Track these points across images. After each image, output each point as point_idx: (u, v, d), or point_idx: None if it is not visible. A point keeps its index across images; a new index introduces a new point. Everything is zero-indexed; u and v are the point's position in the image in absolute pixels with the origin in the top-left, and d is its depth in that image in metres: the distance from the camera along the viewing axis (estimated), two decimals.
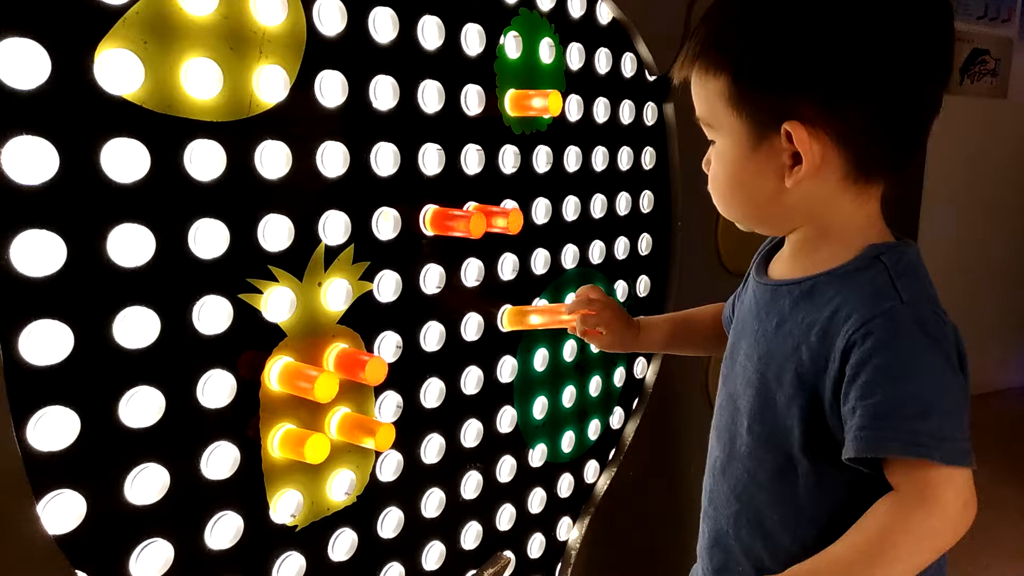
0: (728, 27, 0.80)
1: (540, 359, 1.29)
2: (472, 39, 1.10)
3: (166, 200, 0.81)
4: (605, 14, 1.31)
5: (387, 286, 1.04)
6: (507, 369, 1.24)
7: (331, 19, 0.93)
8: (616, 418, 1.50)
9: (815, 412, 0.80)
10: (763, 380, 0.84)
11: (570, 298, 1.32)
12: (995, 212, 3.46)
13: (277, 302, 0.92)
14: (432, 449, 1.14)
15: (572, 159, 1.28)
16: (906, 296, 0.77)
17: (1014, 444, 3.08)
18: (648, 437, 1.53)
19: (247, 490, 0.92)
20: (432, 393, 1.13)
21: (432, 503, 1.16)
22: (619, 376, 1.48)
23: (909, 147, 0.81)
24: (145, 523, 0.84)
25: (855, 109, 0.77)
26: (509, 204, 1.18)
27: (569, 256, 1.31)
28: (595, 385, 1.42)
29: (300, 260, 0.94)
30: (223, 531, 0.90)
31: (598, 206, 1.35)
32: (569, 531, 1.44)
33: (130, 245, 0.79)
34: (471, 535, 1.23)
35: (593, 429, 1.44)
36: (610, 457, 1.50)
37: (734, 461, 0.89)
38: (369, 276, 1.02)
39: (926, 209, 3.24)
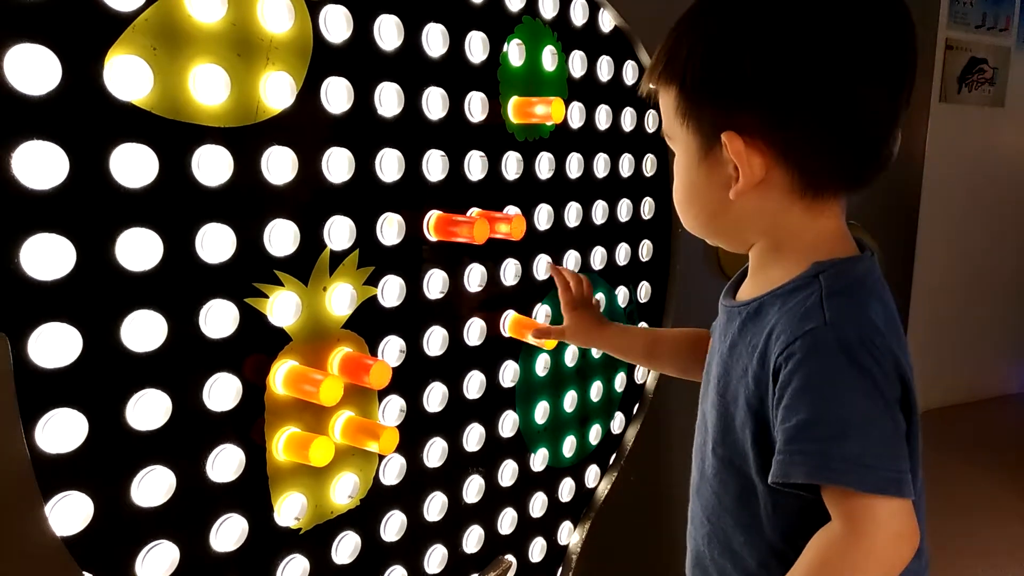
0: (679, 40, 0.80)
1: (542, 364, 1.30)
2: (476, 47, 1.11)
3: (174, 205, 0.82)
4: (607, 22, 1.32)
5: (391, 291, 1.05)
6: (509, 374, 1.24)
7: (337, 26, 0.94)
8: (617, 423, 1.50)
9: (764, 436, 0.78)
10: (723, 402, 0.83)
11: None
12: (993, 220, 3.47)
13: (283, 306, 0.92)
14: (435, 453, 1.15)
15: (574, 166, 1.29)
16: (831, 316, 0.73)
17: (1012, 450, 3.08)
18: (649, 442, 1.54)
19: (252, 493, 0.93)
20: (435, 397, 1.13)
21: (434, 507, 1.16)
22: (620, 381, 1.48)
23: (861, 162, 0.78)
24: (151, 525, 0.85)
25: (794, 122, 0.75)
26: (512, 210, 1.19)
27: (571, 262, 1.32)
28: (596, 390, 1.43)
29: (305, 265, 0.94)
30: (228, 533, 0.91)
31: (600, 212, 1.36)
32: (570, 535, 1.44)
33: (138, 249, 0.80)
34: (473, 539, 1.24)
35: (594, 434, 1.45)
36: (611, 462, 1.50)
37: (704, 482, 0.87)
38: (373, 281, 1.02)
39: (924, 217, 3.25)
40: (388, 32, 0.99)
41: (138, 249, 0.80)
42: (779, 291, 0.79)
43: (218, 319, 0.87)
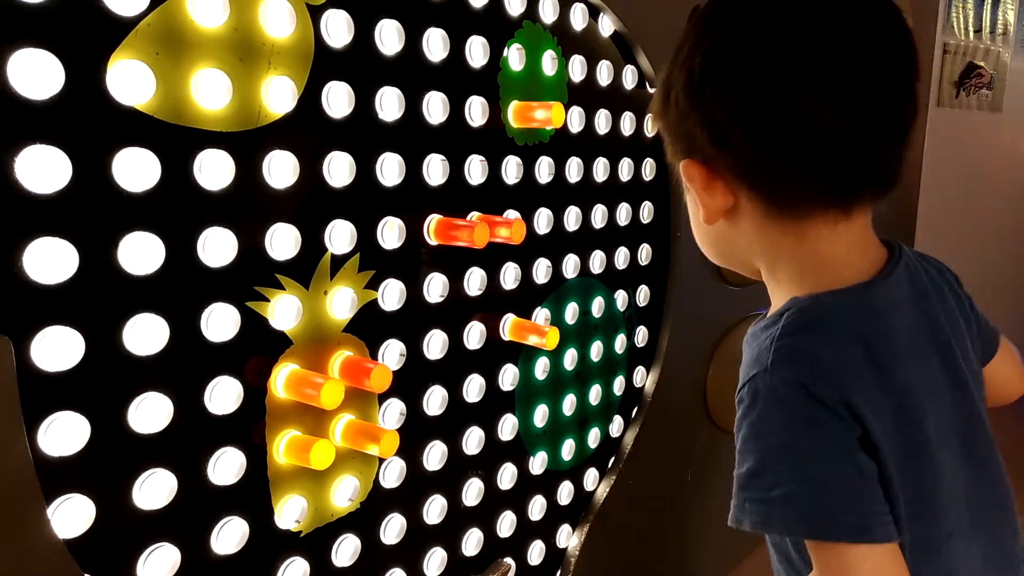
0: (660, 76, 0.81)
1: (541, 368, 1.30)
2: (476, 51, 1.11)
3: (176, 209, 0.82)
4: (607, 27, 1.33)
5: (391, 295, 1.05)
6: (508, 377, 1.25)
7: (338, 31, 0.94)
8: (616, 426, 1.51)
9: None
10: None
11: (572, 309, 1.33)
12: (991, 225, 3.48)
13: (284, 310, 0.93)
14: (434, 456, 1.15)
15: (573, 170, 1.29)
16: (773, 359, 0.72)
17: (1010, 453, 3.08)
18: (647, 446, 1.54)
19: (253, 496, 0.93)
20: (435, 401, 1.14)
21: (434, 510, 1.17)
22: (619, 385, 1.49)
23: (827, 181, 0.73)
24: (153, 527, 0.85)
25: (734, 142, 0.73)
26: (512, 214, 1.19)
27: (570, 266, 1.32)
28: (595, 394, 1.43)
29: (306, 269, 0.95)
30: (229, 536, 0.91)
31: (599, 216, 1.36)
32: (569, 538, 1.44)
33: (140, 253, 0.80)
34: (472, 542, 1.24)
35: (593, 437, 1.45)
36: (609, 465, 1.51)
37: None
38: (374, 285, 1.03)
39: (922, 221, 3.26)
40: (389, 37, 1.00)
41: (140, 253, 0.80)
42: (756, 327, 0.78)
43: (220, 323, 0.87)
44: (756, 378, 0.72)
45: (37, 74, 0.72)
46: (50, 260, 0.74)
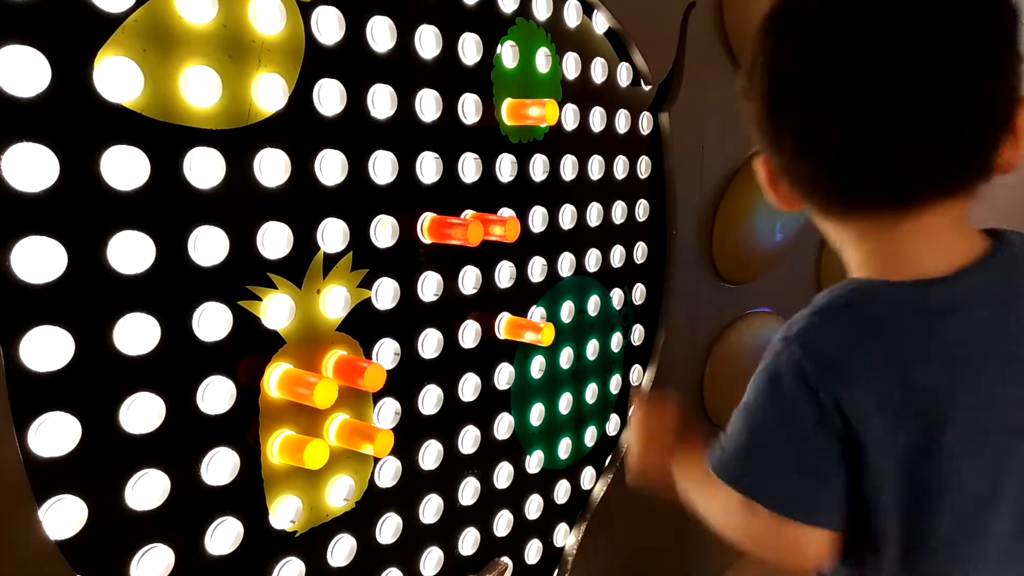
0: None
1: (537, 366, 1.30)
2: (469, 49, 1.11)
3: (166, 207, 0.82)
4: (601, 24, 1.33)
5: (385, 293, 1.04)
6: (504, 376, 1.24)
7: (329, 28, 0.94)
8: (612, 425, 1.50)
9: None
10: None
11: (567, 307, 1.33)
12: (990, 219, 3.48)
13: (276, 309, 0.92)
14: (430, 455, 1.14)
15: (568, 168, 1.29)
16: (797, 333, 0.73)
17: None
18: None
19: (247, 496, 0.93)
20: (430, 400, 1.13)
21: (430, 509, 1.16)
22: (615, 383, 1.48)
23: (862, 186, 0.71)
24: (146, 528, 0.84)
25: (769, 143, 0.73)
26: (506, 212, 1.19)
27: (566, 264, 1.32)
28: (591, 392, 1.43)
29: (299, 267, 0.94)
30: (223, 537, 0.91)
31: (594, 214, 1.36)
32: (566, 537, 1.44)
33: (130, 252, 0.79)
34: (469, 541, 1.24)
35: (590, 436, 1.45)
36: (606, 464, 1.50)
37: None
38: (367, 283, 1.02)
39: None
40: (381, 34, 0.99)
41: (130, 252, 0.79)
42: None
43: (211, 322, 0.87)
44: (777, 344, 0.74)
45: (23, 71, 0.71)
46: (39, 259, 0.73)
